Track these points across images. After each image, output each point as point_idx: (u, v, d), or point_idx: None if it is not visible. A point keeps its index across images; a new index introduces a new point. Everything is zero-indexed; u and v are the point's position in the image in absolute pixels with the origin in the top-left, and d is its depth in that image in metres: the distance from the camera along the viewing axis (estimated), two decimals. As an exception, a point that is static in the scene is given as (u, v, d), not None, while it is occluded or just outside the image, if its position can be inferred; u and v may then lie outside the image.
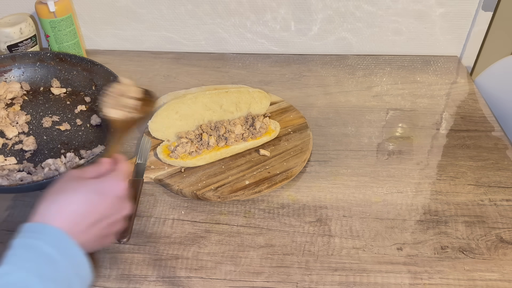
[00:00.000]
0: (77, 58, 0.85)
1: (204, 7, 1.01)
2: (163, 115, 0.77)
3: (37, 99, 0.84)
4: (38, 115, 0.82)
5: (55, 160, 0.71)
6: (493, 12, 1.00)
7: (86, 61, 0.85)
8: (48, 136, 0.78)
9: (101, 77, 0.84)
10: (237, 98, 0.81)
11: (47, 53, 0.85)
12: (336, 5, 1.00)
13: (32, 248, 0.43)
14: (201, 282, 0.61)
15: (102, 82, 0.84)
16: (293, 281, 0.61)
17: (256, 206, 0.71)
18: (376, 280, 0.61)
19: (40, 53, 0.85)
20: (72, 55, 0.85)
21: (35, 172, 0.71)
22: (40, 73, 0.86)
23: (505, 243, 0.66)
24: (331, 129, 0.86)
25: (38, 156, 0.75)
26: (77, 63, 0.85)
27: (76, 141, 0.78)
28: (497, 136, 0.85)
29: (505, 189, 0.74)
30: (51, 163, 0.71)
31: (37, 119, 0.81)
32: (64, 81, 0.86)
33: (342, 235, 0.67)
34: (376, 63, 1.05)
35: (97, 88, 0.85)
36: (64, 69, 0.86)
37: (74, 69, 0.86)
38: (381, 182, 0.75)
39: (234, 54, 1.08)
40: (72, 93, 0.86)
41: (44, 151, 0.76)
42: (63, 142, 0.77)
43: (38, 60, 0.86)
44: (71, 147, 0.77)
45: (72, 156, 0.72)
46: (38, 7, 0.86)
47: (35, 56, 0.85)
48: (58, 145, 0.77)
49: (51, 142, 0.77)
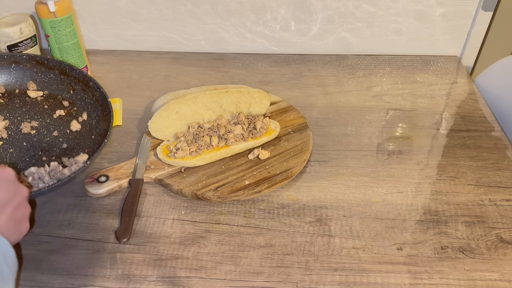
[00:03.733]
0: (55, 62, 0.83)
1: (204, 7, 1.01)
2: (163, 115, 0.77)
3: (13, 102, 0.82)
4: (16, 120, 0.80)
5: (39, 169, 0.70)
6: (493, 12, 1.00)
7: (64, 65, 0.83)
8: (28, 143, 0.76)
9: (79, 81, 0.82)
10: (237, 98, 0.81)
11: (23, 55, 0.83)
12: (336, 5, 1.00)
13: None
14: (201, 282, 0.61)
15: (80, 86, 0.82)
16: (293, 281, 0.61)
17: (256, 206, 0.71)
18: (376, 280, 0.61)
19: (16, 55, 0.83)
20: (49, 58, 0.83)
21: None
22: (15, 76, 0.83)
23: (505, 243, 0.66)
24: (331, 129, 0.86)
25: (19, 164, 0.73)
26: (54, 66, 0.83)
27: (57, 147, 0.76)
28: (497, 136, 0.85)
29: (505, 189, 0.74)
30: (35, 172, 0.69)
31: (15, 124, 0.79)
32: (40, 84, 0.84)
33: (342, 235, 0.67)
34: (376, 63, 1.05)
35: (75, 93, 0.83)
36: (40, 71, 0.84)
37: (51, 72, 0.84)
38: (381, 182, 0.75)
39: (234, 54, 1.08)
40: (49, 97, 0.83)
41: (25, 158, 0.74)
42: (44, 149, 0.76)
43: (14, 62, 0.83)
44: (52, 154, 0.75)
45: (56, 165, 0.71)
46: (38, 7, 0.86)
47: (10, 58, 0.83)
48: (39, 151, 0.75)
49: (31, 149, 0.75)
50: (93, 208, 0.70)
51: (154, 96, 0.91)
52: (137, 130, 0.85)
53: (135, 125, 0.86)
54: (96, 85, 0.80)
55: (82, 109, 0.82)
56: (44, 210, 0.70)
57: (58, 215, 0.69)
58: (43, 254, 0.64)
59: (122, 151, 0.80)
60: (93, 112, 0.80)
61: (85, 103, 0.82)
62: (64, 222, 0.68)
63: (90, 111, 0.81)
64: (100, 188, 0.71)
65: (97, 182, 0.71)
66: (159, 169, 0.74)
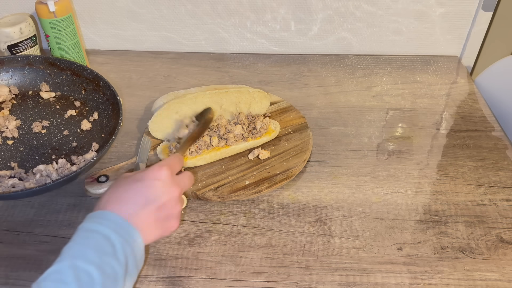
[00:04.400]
0: (67, 62, 0.84)
1: (204, 7, 1.01)
2: (163, 115, 0.77)
3: (26, 103, 0.83)
4: (28, 120, 0.81)
5: (47, 166, 0.70)
6: (493, 12, 1.00)
7: (75, 66, 0.83)
8: (38, 142, 0.77)
9: (91, 81, 0.83)
10: (237, 98, 0.81)
11: (36, 57, 0.84)
12: (336, 5, 1.00)
13: (93, 230, 0.50)
14: (201, 282, 0.61)
15: (92, 86, 0.83)
16: (293, 281, 0.61)
17: (256, 206, 0.71)
18: (376, 280, 0.61)
19: (29, 56, 0.84)
20: (62, 59, 0.84)
21: (27, 178, 0.69)
22: (28, 77, 0.85)
23: (505, 243, 0.66)
24: (331, 129, 0.86)
25: (29, 162, 0.74)
26: (66, 67, 0.84)
27: (67, 146, 0.77)
28: (497, 136, 0.85)
29: (505, 189, 0.74)
30: (43, 169, 0.70)
31: (27, 124, 0.80)
32: (53, 85, 0.85)
33: (342, 235, 0.67)
34: (376, 63, 1.05)
35: (86, 93, 0.84)
36: (53, 73, 0.85)
37: (63, 73, 0.85)
38: (381, 182, 0.75)
39: (234, 54, 1.08)
40: (61, 98, 0.85)
41: (34, 156, 0.75)
42: (54, 148, 0.76)
43: (27, 64, 0.84)
44: (62, 152, 0.76)
45: (64, 162, 0.71)
46: (38, 7, 0.86)
47: (24, 60, 0.84)
48: (48, 150, 0.76)
49: (41, 147, 0.76)
50: (93, 208, 0.70)
51: (154, 96, 0.91)
52: (137, 130, 0.85)
53: (135, 125, 0.86)
54: (106, 84, 0.81)
55: (93, 109, 0.83)
56: (44, 210, 0.70)
57: (58, 215, 0.69)
58: (43, 254, 0.64)
59: (122, 151, 0.80)
60: (104, 111, 0.81)
61: (96, 103, 0.83)
62: (64, 222, 0.68)
63: (101, 111, 0.82)
64: (100, 188, 0.71)
65: (97, 182, 0.71)
66: (159, 169, 0.74)
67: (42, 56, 0.84)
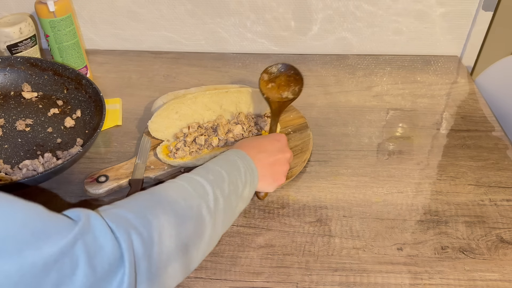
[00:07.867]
0: (48, 63, 0.84)
1: (204, 7, 1.01)
2: (163, 115, 0.77)
3: (8, 103, 0.83)
4: (11, 119, 0.81)
5: (33, 161, 0.71)
6: (493, 12, 1.00)
7: (57, 66, 0.84)
8: (23, 139, 0.77)
9: (72, 80, 0.83)
10: (237, 98, 0.81)
11: (17, 58, 0.84)
12: (336, 5, 1.00)
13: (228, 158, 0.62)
14: (201, 282, 0.61)
15: (73, 85, 0.83)
16: (293, 281, 0.61)
17: (256, 206, 0.71)
18: (376, 280, 0.61)
19: (10, 58, 0.84)
20: (43, 59, 0.84)
21: (13, 173, 0.70)
22: (10, 78, 0.85)
23: (506, 243, 0.66)
24: (331, 129, 0.86)
25: (14, 158, 0.74)
26: (48, 68, 0.84)
27: (52, 142, 0.77)
28: (497, 136, 0.85)
29: (505, 189, 0.74)
30: (29, 164, 0.71)
31: (10, 123, 0.80)
32: (35, 86, 0.85)
33: (342, 235, 0.67)
34: (376, 63, 1.05)
35: (69, 92, 0.84)
36: (35, 73, 0.85)
37: (45, 74, 0.85)
38: (381, 182, 0.75)
39: (234, 54, 1.08)
40: (43, 97, 0.85)
41: (19, 153, 0.75)
42: (38, 144, 0.77)
43: (8, 65, 0.84)
44: (46, 148, 0.76)
45: (50, 157, 0.72)
46: (38, 7, 0.86)
47: (4, 61, 0.84)
48: (33, 147, 0.76)
49: (26, 144, 0.76)
50: (93, 208, 0.69)
51: (154, 96, 0.91)
52: (137, 130, 0.85)
53: (134, 125, 0.86)
54: (88, 82, 0.81)
55: (76, 107, 0.83)
56: (43, 210, 0.70)
57: (58, 215, 0.69)
58: (42, 254, 0.64)
59: (121, 151, 0.80)
60: (87, 109, 0.82)
61: (78, 101, 0.84)
62: (63, 222, 0.68)
63: (84, 108, 0.82)
64: (100, 188, 0.70)
65: (97, 182, 0.71)
66: (159, 169, 0.74)
67: (23, 57, 0.85)
